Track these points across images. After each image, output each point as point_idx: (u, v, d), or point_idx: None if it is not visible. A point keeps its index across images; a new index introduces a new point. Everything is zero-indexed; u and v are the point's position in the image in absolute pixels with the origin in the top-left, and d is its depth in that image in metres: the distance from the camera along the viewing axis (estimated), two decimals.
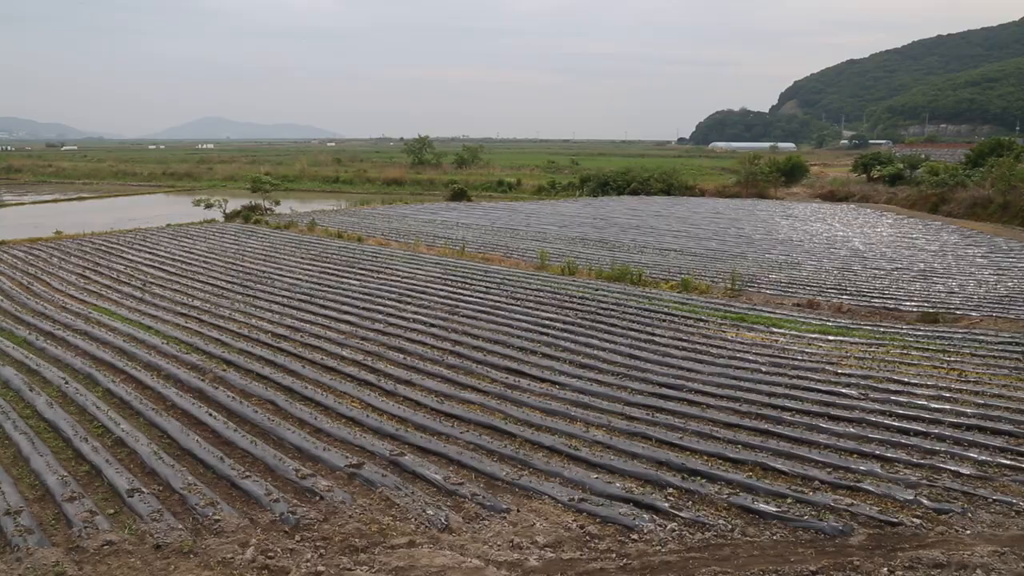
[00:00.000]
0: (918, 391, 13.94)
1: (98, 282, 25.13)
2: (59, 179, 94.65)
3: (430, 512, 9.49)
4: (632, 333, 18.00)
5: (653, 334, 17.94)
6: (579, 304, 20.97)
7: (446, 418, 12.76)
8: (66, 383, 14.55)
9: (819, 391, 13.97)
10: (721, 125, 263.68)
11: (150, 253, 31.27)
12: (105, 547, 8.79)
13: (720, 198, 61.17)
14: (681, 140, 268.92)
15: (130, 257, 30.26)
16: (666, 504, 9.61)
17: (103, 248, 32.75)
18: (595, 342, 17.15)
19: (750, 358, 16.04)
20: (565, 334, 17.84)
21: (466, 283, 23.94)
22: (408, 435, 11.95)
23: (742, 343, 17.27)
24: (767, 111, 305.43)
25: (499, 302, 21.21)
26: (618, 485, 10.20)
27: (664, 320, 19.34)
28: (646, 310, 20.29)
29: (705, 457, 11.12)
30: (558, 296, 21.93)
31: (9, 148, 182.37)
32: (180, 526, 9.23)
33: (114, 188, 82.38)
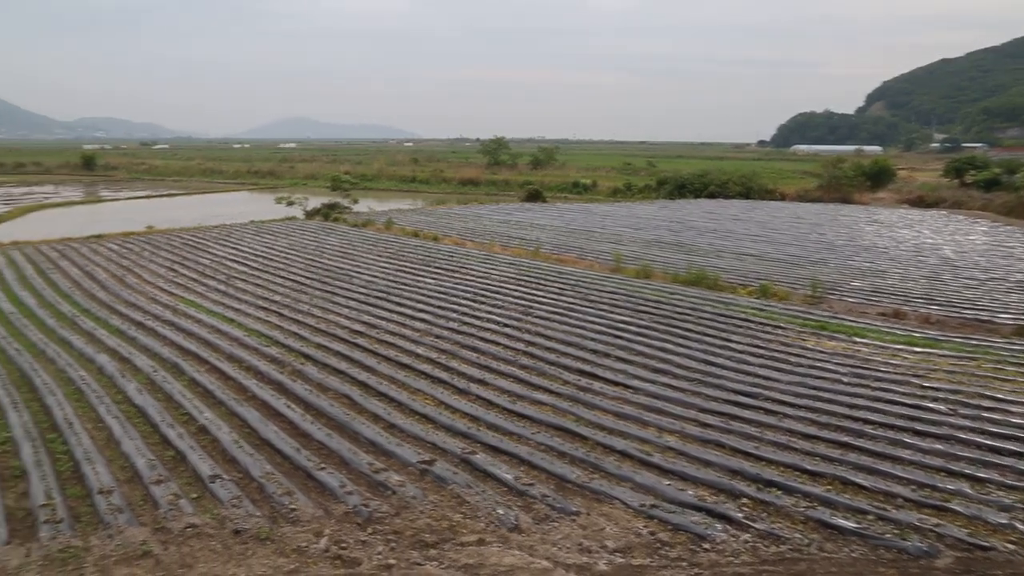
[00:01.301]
0: (1013, 408, 13.26)
1: (185, 275, 26.10)
2: (151, 176, 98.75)
3: (500, 511, 9.52)
4: (707, 339, 17.69)
5: (729, 340, 17.59)
6: (654, 308, 20.73)
7: (518, 418, 12.79)
8: (155, 371, 15.16)
9: (904, 404, 13.44)
10: (803, 127, 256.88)
11: (234, 248, 32.31)
12: (188, 529, 9.12)
13: (801, 202, 59.50)
14: (761, 142, 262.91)
15: (215, 252, 31.33)
16: (740, 514, 9.41)
17: (190, 243, 34.00)
18: (670, 347, 16.92)
19: (830, 368, 15.56)
20: (639, 338, 17.66)
21: (540, 284, 23.95)
22: (480, 434, 12.02)
23: (822, 352, 16.78)
24: (853, 113, 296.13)
25: (573, 304, 21.15)
26: (690, 493, 10.04)
27: (741, 326, 18.95)
28: (722, 315, 19.92)
29: (781, 468, 10.84)
30: (633, 299, 21.73)
31: (107, 147, 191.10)
32: (258, 513, 9.51)
33: (201, 185, 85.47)
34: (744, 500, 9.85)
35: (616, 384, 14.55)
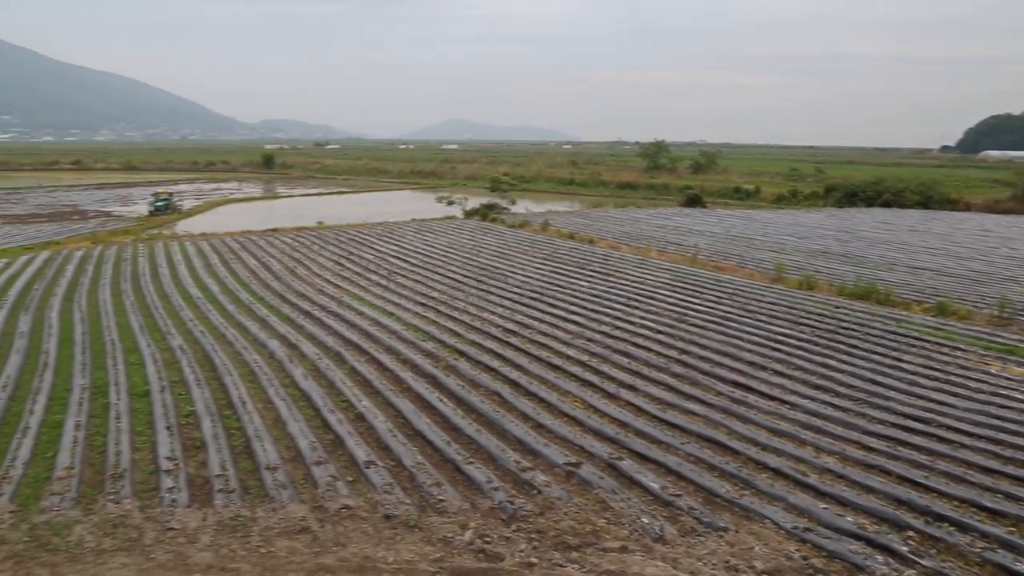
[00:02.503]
0: None
1: (350, 269, 27.49)
2: (323, 175, 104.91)
3: (645, 520, 9.37)
4: (875, 356, 16.62)
5: (900, 359, 16.45)
6: (816, 321, 19.72)
7: (667, 427, 12.54)
8: (319, 358, 16.06)
9: None
10: (996, 131, 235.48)
11: (396, 245, 33.68)
12: (343, 510, 9.60)
13: (990, 214, 54.73)
14: (945, 148, 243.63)
15: (378, 248, 32.79)
16: (905, 548, 8.76)
17: (356, 239, 35.79)
18: (832, 363, 16.04)
19: (1018, 397, 14.20)
20: (799, 352, 16.86)
21: (696, 291, 23.38)
22: (628, 440, 11.89)
23: (1009, 379, 15.34)
24: None
25: (730, 313, 20.49)
26: (849, 519, 9.46)
27: (914, 345, 17.66)
28: (893, 333, 18.65)
29: (955, 502, 10.00)
30: (794, 311, 20.78)
31: (284, 147, 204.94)
32: (408, 501, 9.85)
33: (368, 184, 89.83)
34: (910, 533, 9.17)
35: (772, 399, 13.96)
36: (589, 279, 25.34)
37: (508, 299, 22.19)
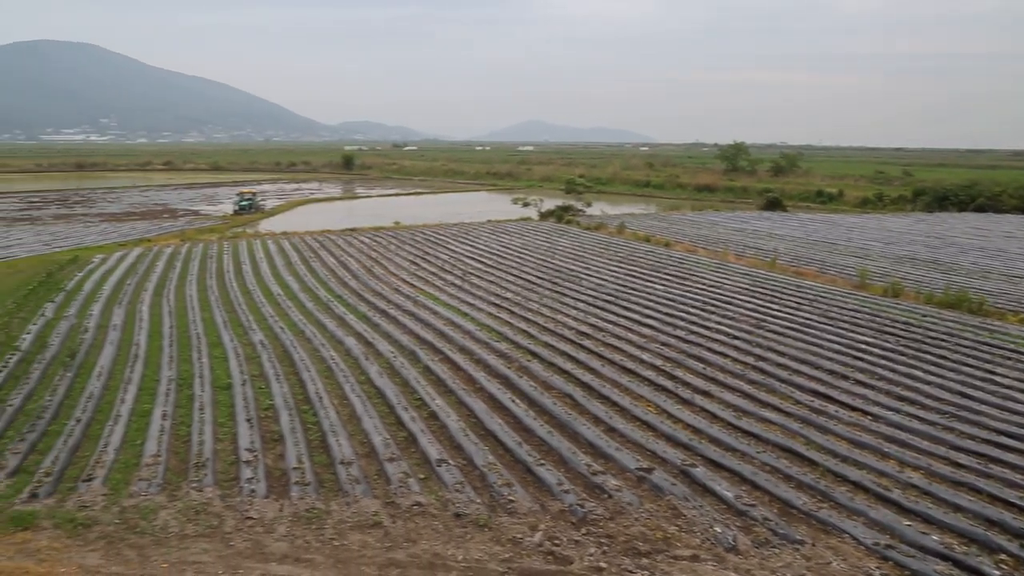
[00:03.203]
0: None
1: (426, 269, 27.83)
2: (401, 176, 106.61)
3: (717, 529, 9.19)
4: (966, 368, 15.90)
5: (993, 372, 15.70)
6: (902, 330, 19.00)
7: (742, 435, 12.27)
8: (394, 357, 16.31)
9: None
10: None
11: (471, 246, 33.94)
12: (414, 507, 9.71)
13: None
14: None
15: (453, 248, 33.10)
16: (997, 572, 8.35)
17: (432, 239, 36.22)
18: (919, 374, 15.42)
19: None
20: (883, 361, 16.27)
21: (775, 297, 22.83)
22: (701, 447, 11.68)
23: None
24: None
25: (810, 320, 19.93)
26: (935, 538, 9.07)
27: (1009, 358, 16.82)
28: (986, 344, 17.82)
29: None
30: (878, 319, 20.07)
31: (363, 148, 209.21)
32: (478, 500, 9.90)
33: (444, 185, 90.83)
34: (1003, 556, 8.73)
35: (853, 409, 13.51)
36: (664, 283, 25.03)
37: (582, 301, 22.09)
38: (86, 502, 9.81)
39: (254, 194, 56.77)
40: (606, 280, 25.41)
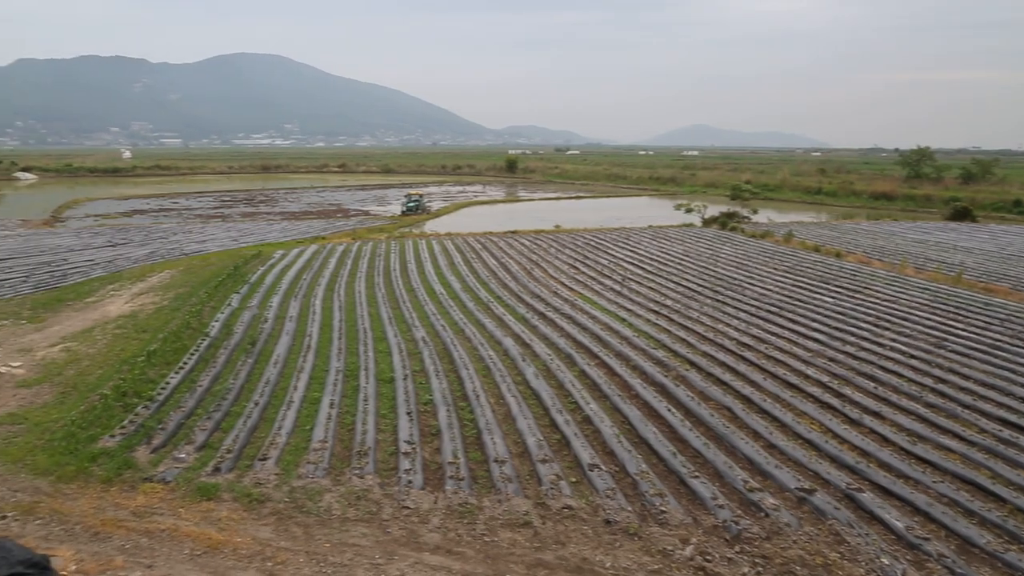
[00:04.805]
0: None
1: (585, 273, 27.86)
2: (562, 180, 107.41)
3: (885, 561, 8.59)
4: None
5: None
6: None
7: (917, 462, 11.41)
8: (550, 359, 16.43)
9: None
10: None
11: (631, 251, 33.64)
12: (565, 510, 9.74)
13: None
14: None
15: (613, 253, 32.93)
16: None
17: (592, 243, 36.21)
18: None
19: None
20: None
21: (959, 314, 21.07)
22: (869, 471, 10.97)
23: None
24: None
25: (1000, 341, 18.24)
26: None
27: None
28: None
29: None
30: None
31: (527, 152, 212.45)
32: (629, 508, 9.79)
33: (606, 189, 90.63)
34: None
35: None
36: (834, 295, 23.73)
37: (744, 311, 21.35)
38: (261, 480, 10.56)
39: (421, 196, 59.04)
40: (770, 290, 24.43)
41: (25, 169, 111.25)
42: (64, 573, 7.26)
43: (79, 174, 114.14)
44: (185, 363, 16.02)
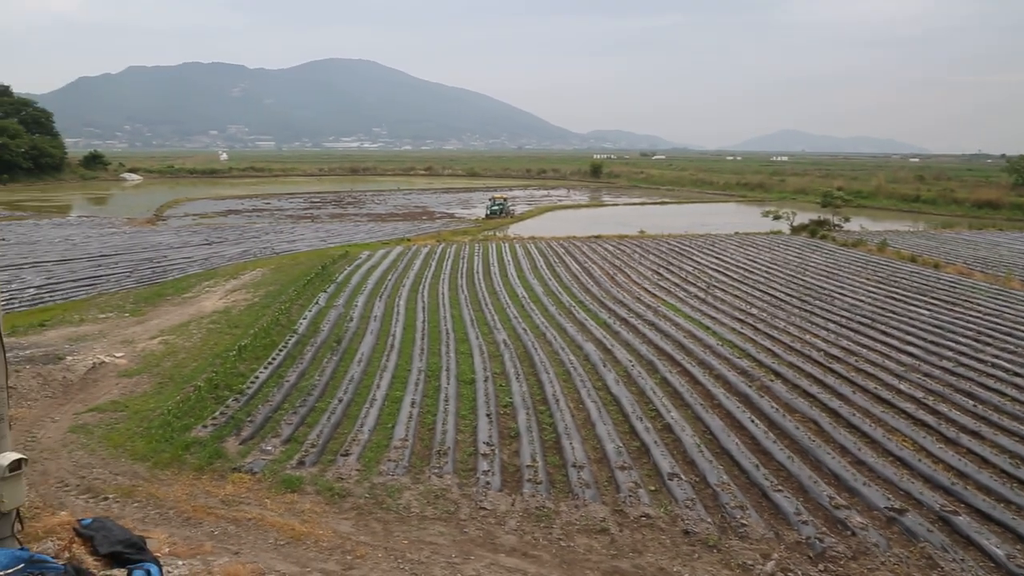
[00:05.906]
0: None
1: (668, 279, 27.50)
2: (647, 184, 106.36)
3: None
4: None
5: None
6: None
7: (1020, 485, 10.80)
8: (631, 365, 16.27)
9: None
10: None
11: (716, 258, 33.03)
12: (642, 518, 9.62)
13: None
14: None
15: (698, 260, 32.40)
16: None
17: (676, 249, 35.71)
18: None
19: None
20: None
21: None
22: (966, 493, 10.45)
23: None
24: None
25: None
26: None
27: None
28: None
29: None
30: None
31: (612, 156, 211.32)
32: (708, 519, 9.59)
33: (692, 195, 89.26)
34: None
35: None
36: (931, 307, 22.74)
37: (833, 322, 20.68)
38: (343, 475, 10.81)
39: (505, 199, 59.42)
40: (862, 301, 23.58)
41: (131, 170, 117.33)
42: (158, 554, 7.60)
43: (179, 175, 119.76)
44: (273, 359, 16.56)
